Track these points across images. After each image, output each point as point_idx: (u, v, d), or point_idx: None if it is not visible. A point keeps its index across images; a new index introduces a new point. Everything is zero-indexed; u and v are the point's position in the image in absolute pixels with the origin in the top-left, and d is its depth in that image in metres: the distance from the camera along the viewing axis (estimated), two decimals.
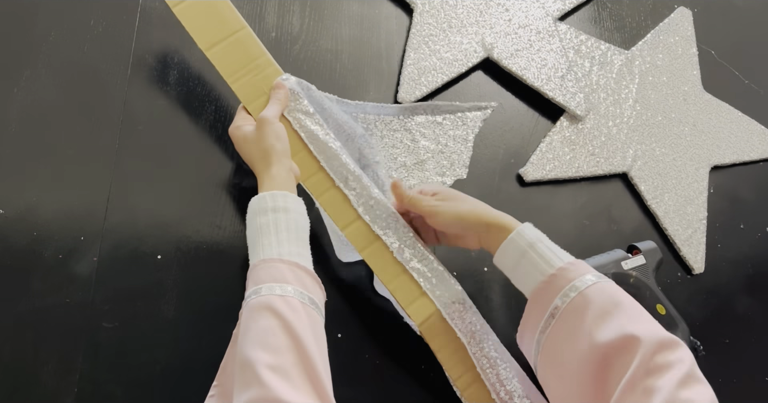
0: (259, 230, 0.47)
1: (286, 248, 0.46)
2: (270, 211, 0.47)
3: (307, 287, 0.45)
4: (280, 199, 0.48)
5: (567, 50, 0.74)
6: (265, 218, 0.47)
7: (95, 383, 0.51)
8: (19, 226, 0.53)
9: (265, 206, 0.48)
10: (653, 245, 0.70)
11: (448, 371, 0.54)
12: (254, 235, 0.47)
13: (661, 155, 0.76)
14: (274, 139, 0.51)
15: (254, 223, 0.48)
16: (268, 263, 0.45)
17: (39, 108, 0.56)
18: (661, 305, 0.68)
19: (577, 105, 0.72)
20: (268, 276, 0.44)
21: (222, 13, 0.57)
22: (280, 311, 0.41)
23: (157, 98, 0.59)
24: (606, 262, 0.67)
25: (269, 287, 0.43)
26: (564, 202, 0.71)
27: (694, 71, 0.82)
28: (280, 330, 0.40)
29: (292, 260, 0.45)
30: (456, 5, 0.70)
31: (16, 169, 0.54)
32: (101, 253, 0.54)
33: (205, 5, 0.56)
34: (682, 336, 0.67)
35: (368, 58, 0.68)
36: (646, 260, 0.68)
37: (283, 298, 0.42)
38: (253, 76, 0.56)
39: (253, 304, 0.42)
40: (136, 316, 0.53)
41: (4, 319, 0.50)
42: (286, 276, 0.44)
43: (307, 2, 0.67)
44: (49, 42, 0.58)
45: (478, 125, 0.69)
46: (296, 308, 0.42)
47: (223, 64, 0.56)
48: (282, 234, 0.46)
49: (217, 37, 0.56)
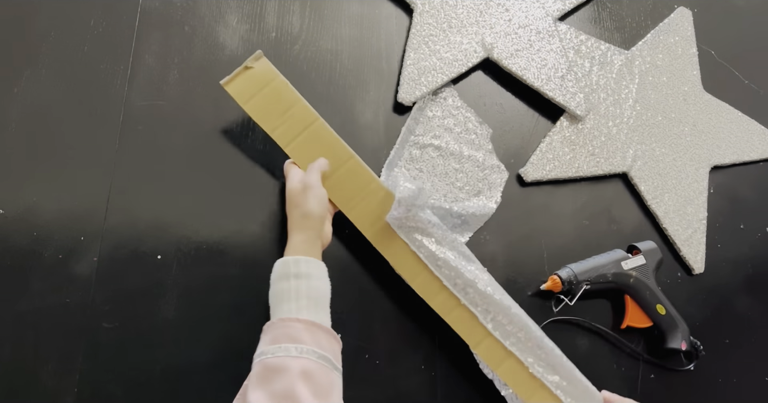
0: (280, 295, 0.49)
1: (304, 313, 0.48)
2: (293, 277, 0.50)
3: (323, 346, 0.47)
4: (303, 265, 0.50)
5: (567, 50, 0.74)
6: (287, 284, 0.49)
7: (95, 383, 0.51)
8: (19, 226, 0.53)
9: (288, 271, 0.50)
10: (653, 245, 0.70)
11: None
12: (276, 299, 0.50)
13: (661, 155, 0.76)
14: (316, 207, 0.53)
15: (277, 287, 0.50)
16: (285, 321, 0.47)
17: (39, 108, 0.56)
18: (661, 305, 0.68)
19: (577, 105, 0.71)
20: (285, 336, 0.46)
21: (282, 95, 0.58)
22: (293, 373, 0.43)
23: (157, 98, 0.59)
24: (606, 262, 0.67)
25: (285, 348, 0.45)
26: (564, 202, 0.71)
27: (694, 71, 0.82)
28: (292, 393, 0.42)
29: (309, 319, 0.47)
30: (456, 5, 0.70)
31: (16, 169, 0.54)
32: (101, 253, 0.54)
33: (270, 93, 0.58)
34: (683, 336, 0.67)
35: (368, 58, 0.68)
36: (646, 260, 0.68)
37: (298, 360, 0.44)
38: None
39: (269, 363, 0.44)
40: (136, 316, 0.53)
41: (4, 319, 0.50)
42: (302, 336, 0.46)
43: (307, 2, 0.67)
44: (49, 42, 0.58)
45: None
46: (310, 370, 0.44)
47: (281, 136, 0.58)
48: (302, 301, 0.49)
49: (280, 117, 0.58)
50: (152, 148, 0.58)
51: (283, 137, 0.57)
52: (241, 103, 0.57)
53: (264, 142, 0.61)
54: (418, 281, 0.57)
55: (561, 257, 0.69)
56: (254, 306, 0.57)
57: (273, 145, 0.61)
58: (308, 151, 0.58)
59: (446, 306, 0.57)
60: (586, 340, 0.67)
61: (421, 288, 0.57)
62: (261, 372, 0.44)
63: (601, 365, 0.67)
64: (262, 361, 0.45)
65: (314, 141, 0.58)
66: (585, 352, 0.67)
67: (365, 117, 0.66)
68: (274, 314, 0.49)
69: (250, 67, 0.57)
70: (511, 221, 0.68)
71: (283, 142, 0.57)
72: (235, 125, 0.61)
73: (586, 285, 0.65)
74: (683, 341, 0.67)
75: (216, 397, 0.54)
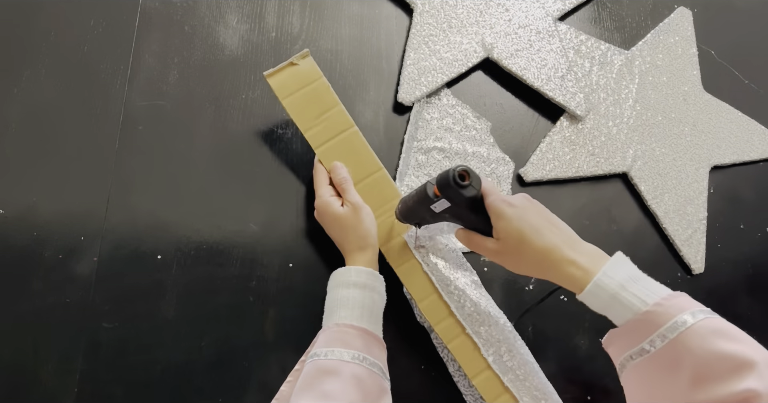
0: (338, 301, 0.51)
1: (358, 321, 0.49)
2: (353, 285, 0.51)
3: (374, 354, 0.48)
4: (364, 275, 0.52)
5: (567, 50, 0.74)
6: (346, 291, 0.51)
7: (95, 383, 0.51)
8: (19, 226, 0.53)
9: (349, 279, 0.52)
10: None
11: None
12: (333, 304, 0.51)
13: (661, 155, 0.76)
14: (370, 224, 0.55)
15: (336, 293, 0.51)
16: (340, 327, 0.48)
17: (39, 108, 0.56)
18: None
19: (577, 105, 0.71)
20: (338, 341, 0.47)
21: (322, 96, 0.58)
22: (344, 378, 0.44)
23: (157, 98, 0.59)
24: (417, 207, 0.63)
25: (338, 352, 0.46)
26: (564, 202, 0.71)
27: (694, 71, 0.82)
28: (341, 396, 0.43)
29: (362, 326, 0.49)
30: (456, 5, 0.70)
31: (16, 169, 0.54)
32: (101, 253, 0.54)
33: (309, 93, 0.58)
34: None
35: (368, 58, 0.68)
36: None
37: (350, 364, 0.45)
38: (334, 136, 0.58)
39: (320, 365, 0.45)
40: (136, 316, 0.53)
41: (4, 319, 0.50)
42: (355, 342, 0.47)
43: (307, 2, 0.67)
44: (49, 42, 0.58)
45: None
46: (360, 376, 0.45)
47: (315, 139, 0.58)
48: (357, 310, 0.50)
49: (316, 117, 0.58)
50: (152, 148, 0.58)
51: (316, 138, 0.58)
52: (280, 97, 0.57)
53: (264, 142, 0.61)
54: (426, 302, 0.57)
55: None
56: (254, 306, 0.57)
57: (273, 145, 0.61)
58: (338, 156, 0.58)
59: (450, 332, 0.57)
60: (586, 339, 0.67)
61: (429, 311, 0.57)
62: (312, 372, 0.45)
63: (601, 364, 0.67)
64: (315, 362, 0.46)
65: (346, 147, 0.58)
66: (585, 351, 0.67)
67: (365, 117, 0.66)
68: (330, 319, 0.50)
69: (295, 64, 0.57)
70: None
71: (315, 144, 0.58)
72: (235, 125, 0.61)
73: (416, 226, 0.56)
74: None
75: (216, 397, 0.54)
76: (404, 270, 0.58)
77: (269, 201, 0.60)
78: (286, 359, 0.56)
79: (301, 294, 0.58)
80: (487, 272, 0.65)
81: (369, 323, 0.50)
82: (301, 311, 0.57)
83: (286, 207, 0.60)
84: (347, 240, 0.55)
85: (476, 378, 0.57)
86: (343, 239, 0.55)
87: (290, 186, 0.61)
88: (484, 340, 0.58)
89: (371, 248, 0.55)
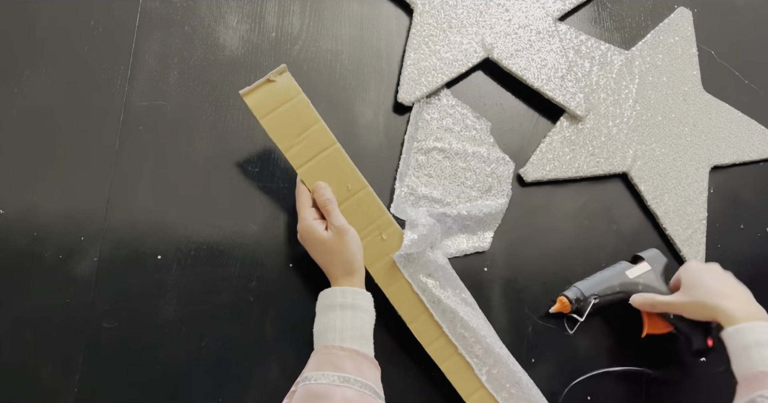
0: (326, 324, 0.50)
1: (348, 342, 0.49)
2: (338, 307, 0.51)
3: (365, 374, 0.48)
4: (350, 296, 0.51)
5: (567, 50, 0.74)
6: (333, 314, 0.51)
7: (95, 383, 0.51)
8: (19, 226, 0.53)
9: (334, 301, 0.51)
10: (656, 251, 0.69)
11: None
12: (322, 327, 0.51)
13: (661, 155, 0.76)
14: (356, 248, 0.54)
15: (324, 316, 0.51)
16: (329, 349, 0.48)
17: (39, 108, 0.56)
18: None
19: (577, 105, 0.71)
20: (328, 364, 0.47)
21: (302, 113, 0.56)
22: (334, 401, 0.44)
23: (157, 98, 0.59)
24: (610, 275, 0.66)
25: (329, 376, 0.46)
26: (564, 202, 0.71)
27: (694, 71, 0.82)
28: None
29: (353, 348, 0.49)
30: (456, 5, 0.70)
31: (16, 169, 0.54)
32: (101, 253, 0.54)
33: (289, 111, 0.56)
34: (706, 333, 0.65)
35: (368, 58, 0.68)
36: (651, 266, 0.68)
37: (341, 388, 0.45)
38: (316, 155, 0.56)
39: (312, 389, 0.45)
40: (136, 316, 0.53)
41: (4, 319, 0.50)
42: (345, 365, 0.47)
43: (307, 2, 0.67)
44: (49, 42, 0.58)
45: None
46: (351, 399, 0.45)
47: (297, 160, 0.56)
48: (347, 331, 0.50)
49: (296, 135, 0.56)
50: (152, 148, 0.58)
51: (297, 158, 0.55)
52: (258, 116, 0.54)
53: (264, 142, 0.61)
54: (417, 324, 0.57)
55: (561, 257, 0.69)
56: (253, 306, 0.57)
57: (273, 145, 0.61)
58: (321, 175, 0.55)
59: (443, 353, 0.57)
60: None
61: (420, 332, 0.57)
62: (304, 396, 0.45)
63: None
64: (306, 386, 0.46)
65: (329, 165, 0.56)
66: None
67: (365, 117, 0.66)
68: (319, 341, 0.50)
69: (272, 81, 0.55)
70: (511, 221, 0.68)
71: (297, 163, 0.55)
72: (235, 125, 0.61)
73: (594, 299, 0.64)
74: (708, 338, 0.65)
75: (216, 397, 0.54)
76: (393, 291, 0.57)
77: (269, 201, 0.60)
78: (286, 359, 0.56)
79: (301, 294, 0.58)
80: (487, 272, 0.65)
81: (360, 344, 0.50)
82: (301, 311, 0.57)
83: (286, 207, 0.60)
84: (332, 265, 0.54)
85: (470, 397, 0.56)
86: (329, 264, 0.54)
87: (290, 186, 0.61)
88: (478, 359, 0.57)
89: (357, 272, 0.54)
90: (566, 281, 0.68)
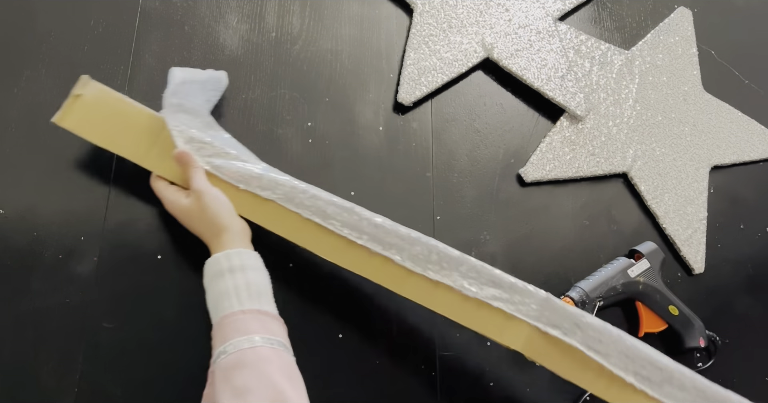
0: (219, 294, 0.47)
1: (247, 304, 0.46)
2: (227, 272, 0.47)
3: (273, 331, 0.45)
4: (235, 258, 0.48)
5: (567, 50, 0.74)
6: (222, 282, 0.47)
7: (95, 383, 0.51)
8: (19, 226, 0.52)
9: (221, 267, 0.48)
10: (653, 246, 0.70)
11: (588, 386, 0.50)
12: (215, 299, 0.47)
13: (661, 155, 0.76)
14: (218, 206, 0.51)
15: (213, 287, 0.48)
16: (230, 317, 0.45)
17: (39, 108, 0.56)
18: (674, 306, 0.67)
19: (577, 105, 0.71)
20: (234, 331, 0.44)
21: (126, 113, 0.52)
22: (252, 365, 0.41)
23: (157, 99, 0.59)
24: (613, 273, 0.67)
25: (236, 343, 0.43)
26: (564, 202, 0.71)
27: (694, 71, 0.82)
28: (256, 384, 0.40)
29: (254, 308, 0.46)
30: (456, 5, 0.70)
31: (16, 169, 0.54)
32: (101, 253, 0.54)
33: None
34: (699, 333, 0.67)
35: (368, 58, 0.68)
36: (651, 263, 0.68)
37: (253, 349, 0.42)
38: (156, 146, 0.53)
39: (224, 364, 0.42)
40: (136, 316, 0.53)
41: (4, 319, 0.50)
42: (250, 326, 0.44)
43: (307, 2, 0.67)
44: (49, 42, 0.58)
45: None
46: (267, 357, 0.42)
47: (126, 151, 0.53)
48: (243, 293, 0.46)
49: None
50: None
51: (150, 161, 0.52)
52: (87, 136, 0.51)
53: (264, 142, 0.61)
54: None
55: (561, 257, 0.69)
56: None
57: (273, 145, 0.61)
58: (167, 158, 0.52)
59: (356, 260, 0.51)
60: None
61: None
62: (222, 374, 0.42)
63: None
64: (219, 363, 0.43)
65: (170, 146, 0.52)
66: None
67: (365, 117, 0.66)
68: (217, 314, 0.47)
69: (79, 95, 0.51)
70: (511, 221, 0.68)
71: (154, 167, 0.53)
72: (235, 125, 0.61)
73: (599, 301, 0.64)
74: (701, 338, 0.67)
75: None
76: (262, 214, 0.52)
77: None
78: None
79: (301, 294, 0.58)
80: None
81: (260, 303, 0.47)
82: (301, 311, 0.57)
83: None
84: (200, 232, 0.52)
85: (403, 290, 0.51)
86: (198, 230, 0.52)
87: None
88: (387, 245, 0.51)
89: (225, 230, 0.50)
90: (566, 281, 0.68)
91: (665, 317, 0.67)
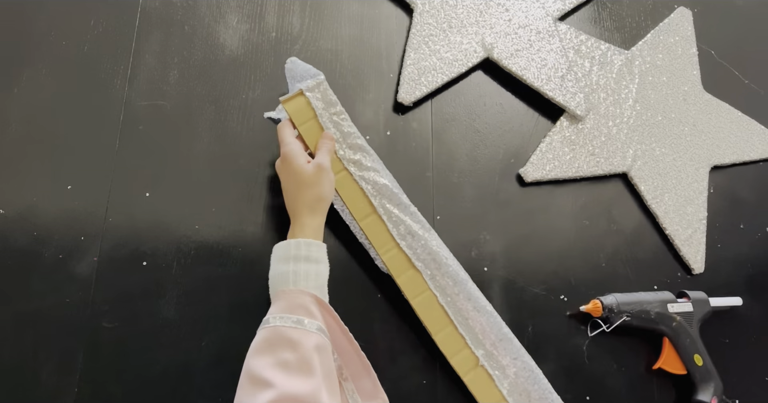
0: (280, 276, 0.49)
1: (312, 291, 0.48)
2: (292, 259, 0.49)
3: (316, 317, 0.47)
4: (304, 248, 0.50)
5: (567, 50, 0.74)
6: (286, 267, 0.49)
7: (95, 383, 0.51)
8: (19, 226, 0.53)
9: (288, 254, 0.50)
10: (704, 296, 0.69)
11: None
12: (275, 280, 0.50)
13: (661, 155, 0.76)
14: (330, 188, 0.53)
15: (276, 269, 0.50)
16: (287, 293, 0.47)
17: (39, 108, 0.56)
18: (699, 356, 0.66)
19: (577, 105, 0.71)
20: (301, 308, 0.46)
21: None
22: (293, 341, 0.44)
23: (157, 98, 0.59)
24: (652, 299, 0.67)
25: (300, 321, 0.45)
26: (564, 202, 0.71)
27: (694, 71, 0.82)
28: (293, 360, 0.43)
29: (309, 291, 0.48)
30: (456, 5, 0.70)
31: (16, 169, 0.54)
32: (101, 253, 0.54)
33: None
34: (715, 391, 0.66)
35: (368, 58, 0.68)
36: (694, 308, 0.68)
37: (314, 336, 0.45)
38: None
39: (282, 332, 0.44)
40: (136, 316, 0.53)
41: (4, 319, 0.50)
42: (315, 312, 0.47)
43: (307, 2, 0.67)
44: (49, 42, 0.58)
45: None
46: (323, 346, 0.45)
47: None
48: (300, 283, 0.48)
49: None
50: (152, 148, 0.58)
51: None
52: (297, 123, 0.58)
53: (264, 142, 0.61)
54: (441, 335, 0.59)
55: (561, 257, 0.69)
56: (254, 306, 0.57)
57: (273, 145, 0.61)
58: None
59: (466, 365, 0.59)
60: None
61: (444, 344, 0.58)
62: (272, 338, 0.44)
63: None
64: (278, 329, 0.45)
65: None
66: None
67: (365, 117, 0.66)
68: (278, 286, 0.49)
69: (302, 95, 0.58)
70: (511, 221, 0.68)
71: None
72: (235, 125, 0.61)
73: (626, 316, 0.64)
74: (714, 398, 0.65)
75: (216, 397, 0.54)
76: (420, 302, 0.58)
77: (269, 201, 0.60)
78: None
79: None
80: (487, 272, 0.65)
81: (321, 294, 0.49)
82: None
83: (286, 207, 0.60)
84: (300, 198, 0.52)
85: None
86: (298, 198, 0.52)
87: None
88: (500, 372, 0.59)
89: (321, 213, 0.52)
90: (566, 281, 0.68)
91: (688, 363, 0.66)
